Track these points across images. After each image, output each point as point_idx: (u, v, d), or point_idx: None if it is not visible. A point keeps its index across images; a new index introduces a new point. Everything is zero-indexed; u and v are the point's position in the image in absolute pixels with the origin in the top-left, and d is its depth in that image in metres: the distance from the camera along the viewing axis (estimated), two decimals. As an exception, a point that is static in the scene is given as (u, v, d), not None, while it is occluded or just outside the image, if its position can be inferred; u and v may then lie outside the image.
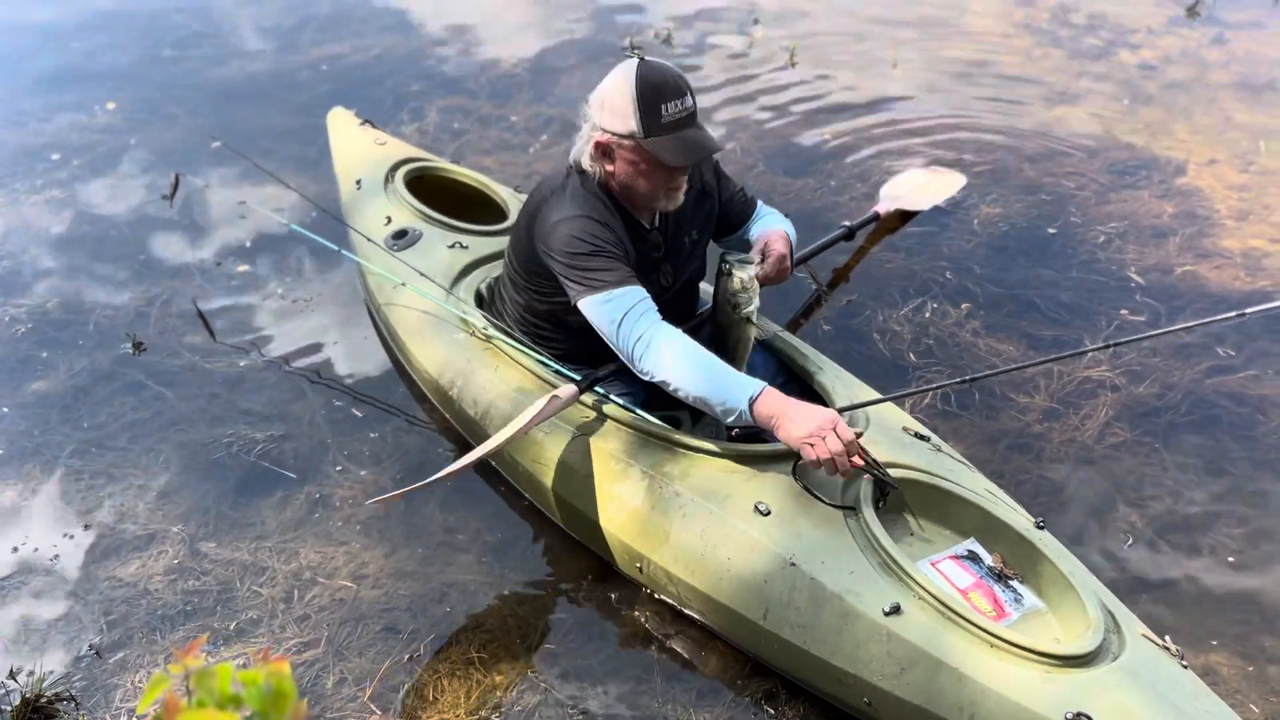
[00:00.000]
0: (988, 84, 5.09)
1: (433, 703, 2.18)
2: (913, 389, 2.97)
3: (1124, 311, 3.40)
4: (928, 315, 3.40)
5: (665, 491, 2.32)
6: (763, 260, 2.57)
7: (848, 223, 3.58)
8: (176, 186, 4.09)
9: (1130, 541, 2.61)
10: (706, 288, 2.94)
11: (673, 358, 2.25)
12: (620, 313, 2.29)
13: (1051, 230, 3.86)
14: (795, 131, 4.64)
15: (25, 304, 3.55)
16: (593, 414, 2.51)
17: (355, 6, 6.18)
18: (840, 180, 4.22)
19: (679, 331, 2.30)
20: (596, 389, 2.53)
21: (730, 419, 2.22)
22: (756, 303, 2.43)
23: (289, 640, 2.31)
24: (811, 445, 2.10)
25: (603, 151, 2.34)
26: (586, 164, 2.39)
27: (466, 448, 2.86)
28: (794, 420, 2.12)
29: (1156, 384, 3.10)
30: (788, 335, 2.77)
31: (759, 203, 2.80)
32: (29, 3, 6.30)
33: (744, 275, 2.41)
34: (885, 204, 3.86)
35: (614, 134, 2.29)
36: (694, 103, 2.31)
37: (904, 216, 3.93)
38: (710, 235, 2.71)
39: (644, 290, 2.33)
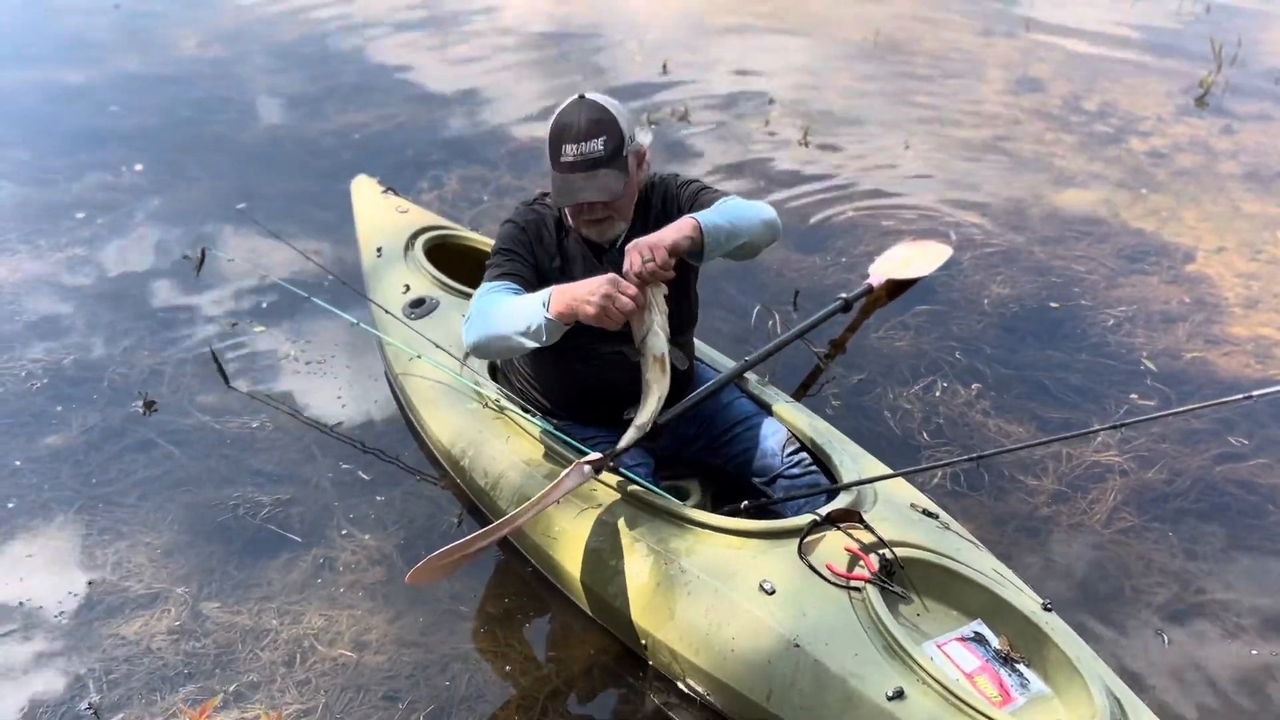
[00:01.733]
0: (999, 166, 5.16)
1: (430, 774, 2.16)
2: (921, 465, 2.97)
3: (1134, 395, 3.41)
4: (938, 394, 3.41)
5: (671, 568, 2.31)
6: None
7: (844, 295, 3.61)
8: (203, 260, 4.14)
9: (1138, 627, 2.59)
10: (714, 354, 2.97)
11: (476, 311, 2.39)
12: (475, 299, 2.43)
13: (1061, 313, 3.88)
14: (807, 209, 4.70)
15: (41, 359, 3.58)
16: (600, 486, 2.51)
17: (379, 76, 6.32)
18: (851, 257, 4.27)
19: (498, 284, 2.41)
20: (570, 441, 2.55)
21: (544, 336, 2.29)
22: (655, 330, 2.34)
23: (289, 706, 2.29)
24: (603, 307, 2.20)
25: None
26: None
27: (477, 514, 2.86)
28: (581, 297, 2.22)
29: (1165, 469, 3.09)
30: (796, 404, 2.78)
31: (729, 197, 2.63)
32: (59, 65, 6.45)
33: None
34: (877, 276, 3.92)
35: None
36: (601, 149, 2.33)
37: (897, 288, 3.99)
38: (693, 270, 2.62)
39: (509, 286, 2.41)
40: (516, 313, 2.32)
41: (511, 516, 2.37)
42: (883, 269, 4.00)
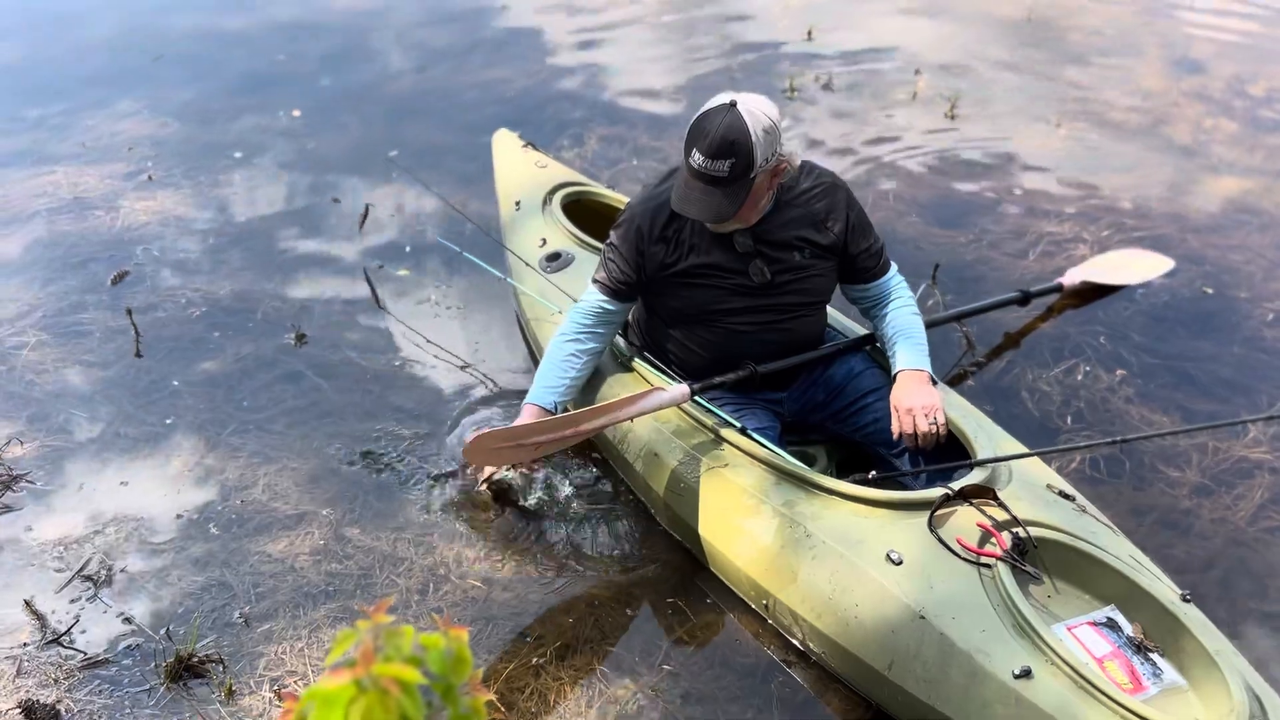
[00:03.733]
0: (1154, 150, 4.96)
1: (554, 708, 2.23)
2: (1059, 446, 2.90)
3: (1288, 392, 3.27)
4: (1079, 378, 3.32)
5: (796, 531, 2.33)
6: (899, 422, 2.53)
7: (1024, 289, 3.47)
8: (366, 216, 4.26)
9: (1281, 631, 2.50)
10: (847, 322, 2.93)
11: (557, 333, 2.68)
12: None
13: (1214, 302, 3.73)
14: (950, 183, 4.60)
15: (201, 289, 3.77)
16: (729, 449, 2.53)
17: (524, 33, 6.39)
18: (994, 236, 4.17)
19: (565, 336, 2.66)
20: (711, 407, 2.60)
21: None
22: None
23: (421, 632, 2.38)
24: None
25: None
26: None
27: (607, 467, 2.92)
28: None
29: (1320, 471, 2.96)
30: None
31: (892, 268, 2.74)
32: (221, 11, 6.72)
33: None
34: (1072, 276, 3.70)
35: None
36: (725, 171, 2.33)
37: (1089, 293, 3.75)
38: (831, 268, 2.65)
39: (601, 300, 2.63)
40: (539, 371, 2.68)
41: (584, 414, 2.46)
42: (1083, 272, 3.75)
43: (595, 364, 2.76)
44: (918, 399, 2.50)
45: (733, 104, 2.33)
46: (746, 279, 2.54)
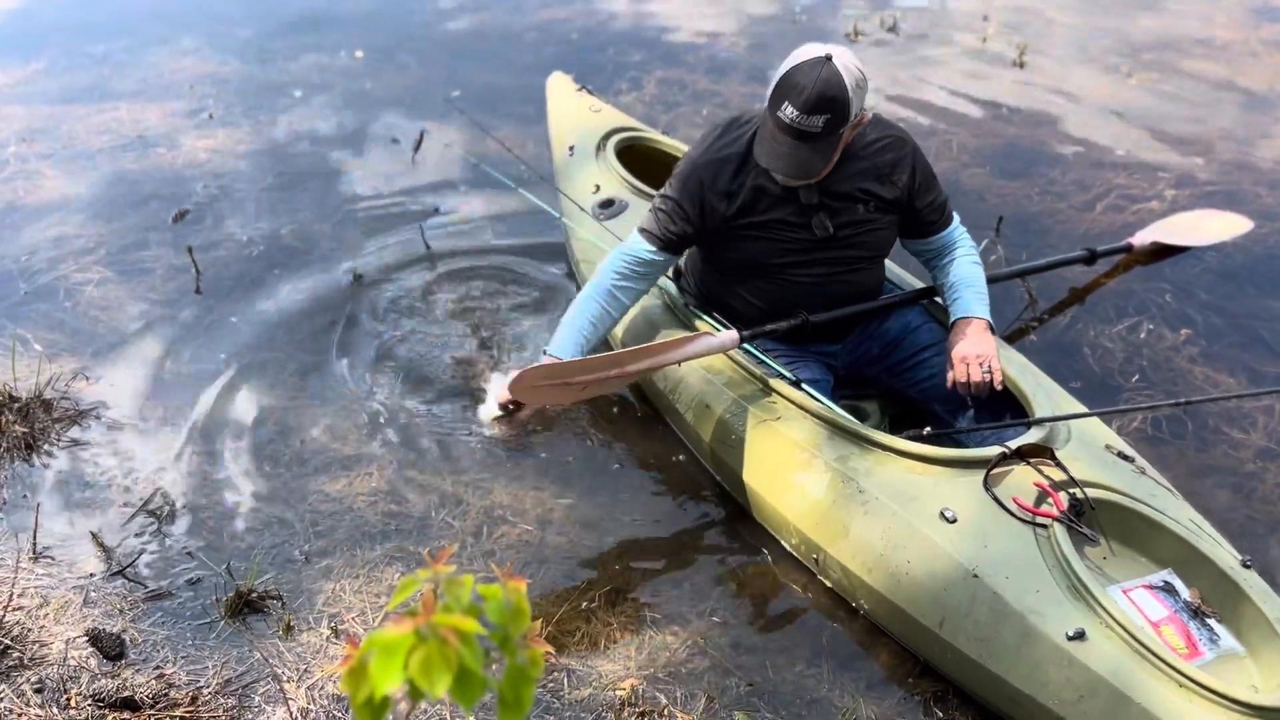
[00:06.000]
0: (1228, 102, 4.80)
1: (604, 651, 2.26)
2: (1120, 407, 2.85)
3: (1362, 356, 3.18)
4: (1143, 336, 3.26)
5: (849, 486, 2.31)
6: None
7: (1092, 248, 3.38)
8: (420, 142, 4.28)
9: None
10: (905, 275, 2.89)
11: (599, 270, 2.63)
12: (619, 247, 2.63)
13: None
14: (1016, 133, 4.50)
15: (260, 227, 3.81)
16: (781, 401, 2.52)
17: (583, -27, 6.32)
18: (1060, 188, 4.07)
19: (601, 286, 2.59)
20: (764, 358, 2.58)
21: None
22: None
23: (476, 574, 2.41)
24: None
25: None
26: None
27: (658, 417, 2.92)
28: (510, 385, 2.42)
29: (1390, 437, 2.88)
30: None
31: (955, 220, 2.70)
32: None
33: None
34: (1142, 236, 3.59)
35: None
36: (819, 127, 2.27)
37: (1159, 253, 3.64)
38: (893, 222, 2.60)
39: (648, 251, 2.57)
40: (565, 319, 2.61)
41: (629, 354, 2.45)
42: (1154, 232, 3.63)
43: (620, 320, 2.72)
44: (973, 347, 2.47)
45: (828, 57, 2.27)
46: (809, 232, 2.51)
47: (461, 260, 3.64)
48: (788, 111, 2.27)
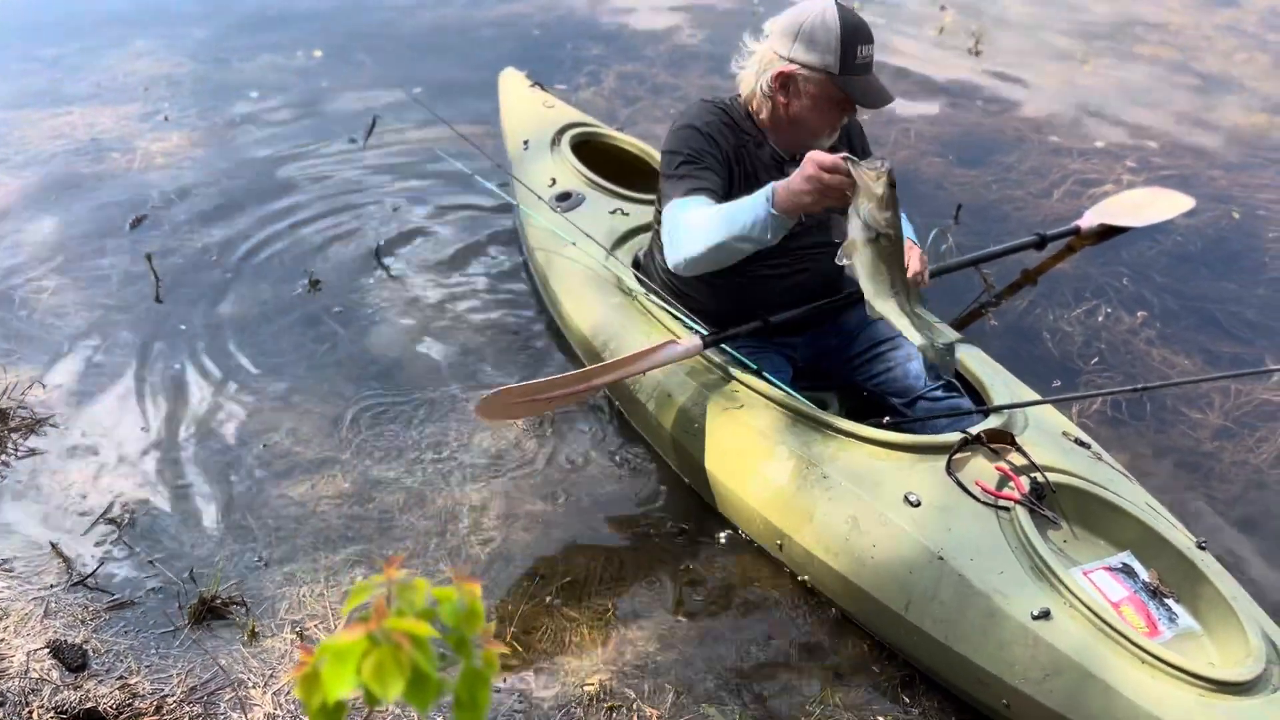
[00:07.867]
0: (1183, 86, 4.86)
1: (571, 647, 2.25)
2: (1078, 393, 2.88)
3: (1314, 335, 3.23)
4: (1100, 319, 3.29)
5: (812, 473, 2.33)
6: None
7: (1041, 232, 3.42)
8: (372, 129, 4.27)
9: (1299, 575, 2.49)
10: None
11: (684, 224, 2.33)
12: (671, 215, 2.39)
13: (1239, 243, 3.68)
14: (974, 121, 4.53)
15: (217, 232, 3.77)
16: (743, 390, 2.53)
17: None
18: (1018, 175, 4.11)
19: (694, 199, 2.36)
20: (724, 347, 2.57)
21: (769, 233, 2.22)
22: (887, 222, 2.07)
23: (440, 574, 2.41)
24: (817, 187, 2.09)
25: (783, 83, 2.37)
26: (758, 97, 2.43)
27: (616, 413, 2.92)
28: (796, 188, 2.12)
29: (1343, 414, 2.93)
30: (946, 327, 2.71)
31: None
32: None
33: (875, 169, 2.05)
34: (1089, 218, 3.64)
35: (805, 66, 2.32)
36: (875, 52, 2.37)
37: (1105, 234, 3.70)
38: None
39: (705, 202, 2.35)
40: (734, 217, 2.25)
41: (598, 369, 2.46)
42: (1101, 213, 3.70)
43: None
44: (919, 254, 2.49)
45: (834, 2, 2.34)
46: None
47: (419, 256, 3.63)
48: (863, 52, 2.34)
